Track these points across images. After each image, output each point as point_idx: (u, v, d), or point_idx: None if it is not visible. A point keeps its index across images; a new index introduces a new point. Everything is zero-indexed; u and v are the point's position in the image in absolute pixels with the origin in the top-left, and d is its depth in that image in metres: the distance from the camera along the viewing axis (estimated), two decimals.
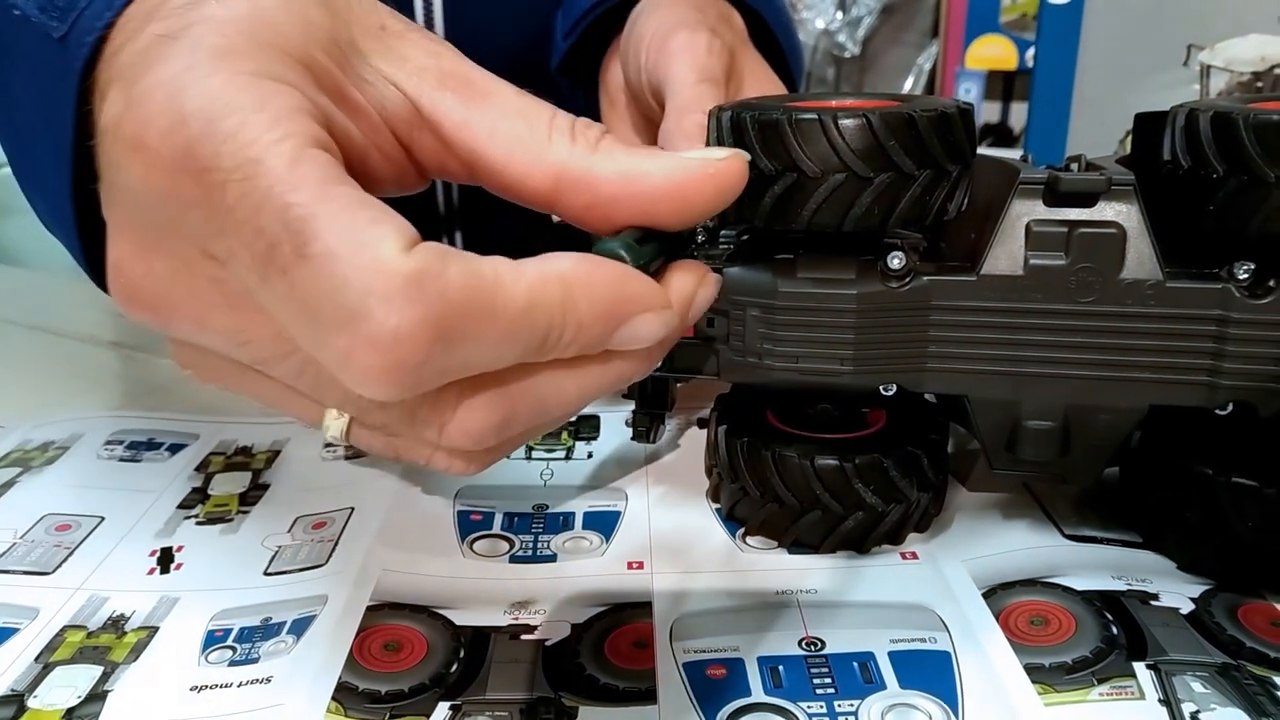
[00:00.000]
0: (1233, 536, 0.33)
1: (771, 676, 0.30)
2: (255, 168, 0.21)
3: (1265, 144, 0.30)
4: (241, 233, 0.21)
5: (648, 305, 0.24)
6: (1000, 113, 1.28)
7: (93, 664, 0.32)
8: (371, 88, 0.25)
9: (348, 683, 0.31)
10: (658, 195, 0.24)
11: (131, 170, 0.23)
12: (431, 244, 0.21)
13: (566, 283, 0.22)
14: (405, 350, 0.20)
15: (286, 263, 0.20)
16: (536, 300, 0.22)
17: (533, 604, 0.34)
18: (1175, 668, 0.30)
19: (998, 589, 0.34)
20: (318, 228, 0.20)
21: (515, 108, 0.26)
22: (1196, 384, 0.32)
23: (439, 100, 0.26)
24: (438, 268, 0.20)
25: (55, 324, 0.62)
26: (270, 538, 0.39)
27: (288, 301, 0.21)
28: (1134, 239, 0.32)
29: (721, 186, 0.25)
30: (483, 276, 0.21)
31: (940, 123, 0.31)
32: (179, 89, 0.22)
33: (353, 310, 0.20)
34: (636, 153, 0.25)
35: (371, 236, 0.20)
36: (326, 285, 0.20)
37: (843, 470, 0.35)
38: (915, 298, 0.33)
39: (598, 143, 0.25)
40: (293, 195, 0.21)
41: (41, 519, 0.40)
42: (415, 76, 0.26)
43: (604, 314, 0.23)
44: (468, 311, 0.21)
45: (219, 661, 0.32)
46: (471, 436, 0.24)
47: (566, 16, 0.56)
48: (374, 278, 0.20)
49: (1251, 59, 0.48)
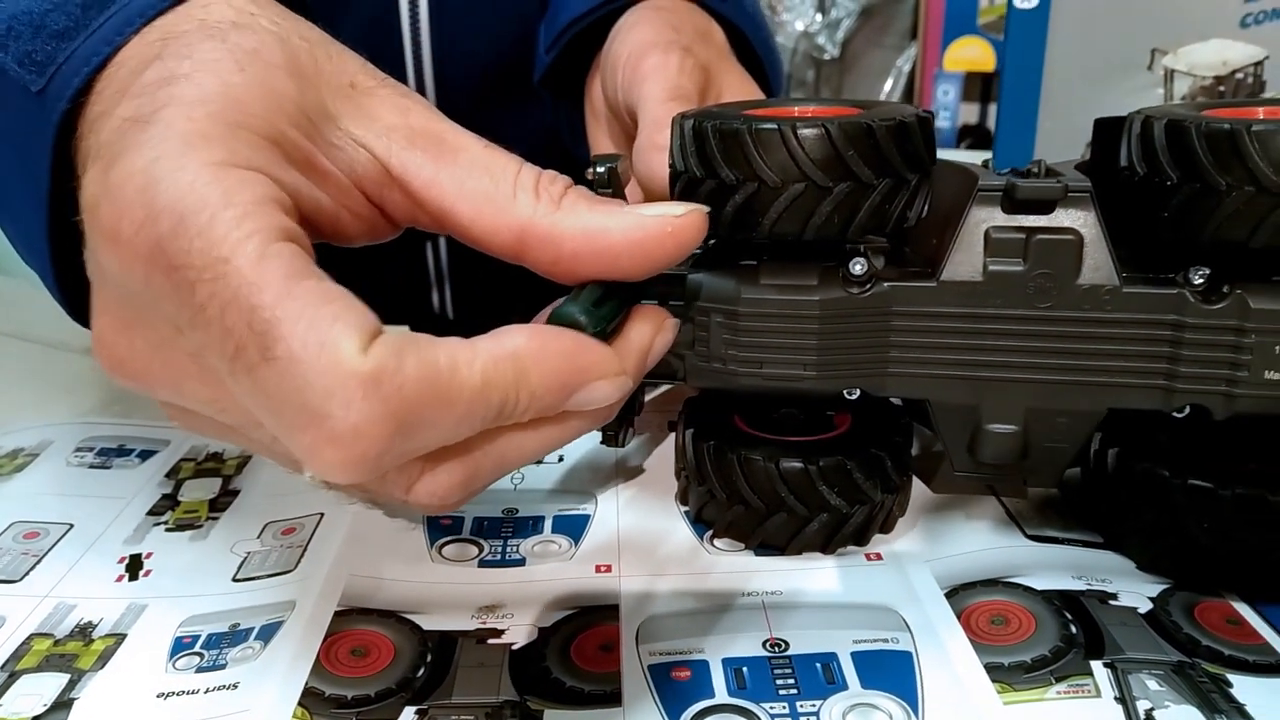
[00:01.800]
0: (1188, 537, 0.33)
1: (735, 678, 0.31)
2: (223, 267, 0.22)
3: (1216, 151, 0.30)
4: (210, 331, 0.22)
5: (601, 373, 0.25)
6: (979, 114, 1.29)
7: (59, 672, 0.32)
8: (340, 152, 0.26)
9: (314, 688, 0.31)
10: (619, 252, 0.25)
11: (108, 258, 0.24)
12: (389, 337, 0.22)
13: (519, 359, 0.23)
14: (365, 445, 0.21)
15: (252, 363, 0.21)
16: (490, 380, 0.23)
17: (500, 608, 0.34)
18: (1131, 666, 0.30)
19: (960, 589, 0.35)
20: (281, 331, 0.21)
21: (482, 164, 0.26)
22: (1153, 388, 0.33)
23: (407, 159, 0.26)
24: (394, 364, 0.21)
25: (25, 330, 0.62)
26: (239, 544, 0.39)
27: (255, 397, 0.22)
28: (1091, 245, 0.32)
29: (681, 242, 0.26)
30: (438, 366, 0.22)
31: (898, 132, 0.32)
32: (149, 182, 0.23)
33: (315, 411, 0.21)
34: (599, 209, 0.26)
35: (332, 336, 0.21)
36: (290, 386, 0.21)
37: (807, 472, 0.35)
38: (877, 303, 0.33)
39: (560, 199, 0.26)
40: (258, 297, 0.21)
41: (9, 527, 0.40)
42: (384, 137, 0.26)
43: (558, 386, 0.24)
44: (424, 402, 0.22)
45: (186, 668, 0.32)
46: (437, 496, 0.25)
47: (549, 30, 0.56)
48: (334, 380, 0.21)
49: (1213, 63, 0.49)
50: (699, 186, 0.33)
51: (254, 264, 0.22)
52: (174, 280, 0.22)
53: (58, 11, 0.27)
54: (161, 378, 0.25)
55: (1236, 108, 0.34)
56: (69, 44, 0.27)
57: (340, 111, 0.27)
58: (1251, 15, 0.48)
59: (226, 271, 0.22)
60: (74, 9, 0.27)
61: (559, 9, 0.56)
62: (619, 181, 0.39)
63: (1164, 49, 0.50)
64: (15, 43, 0.28)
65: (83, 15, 0.27)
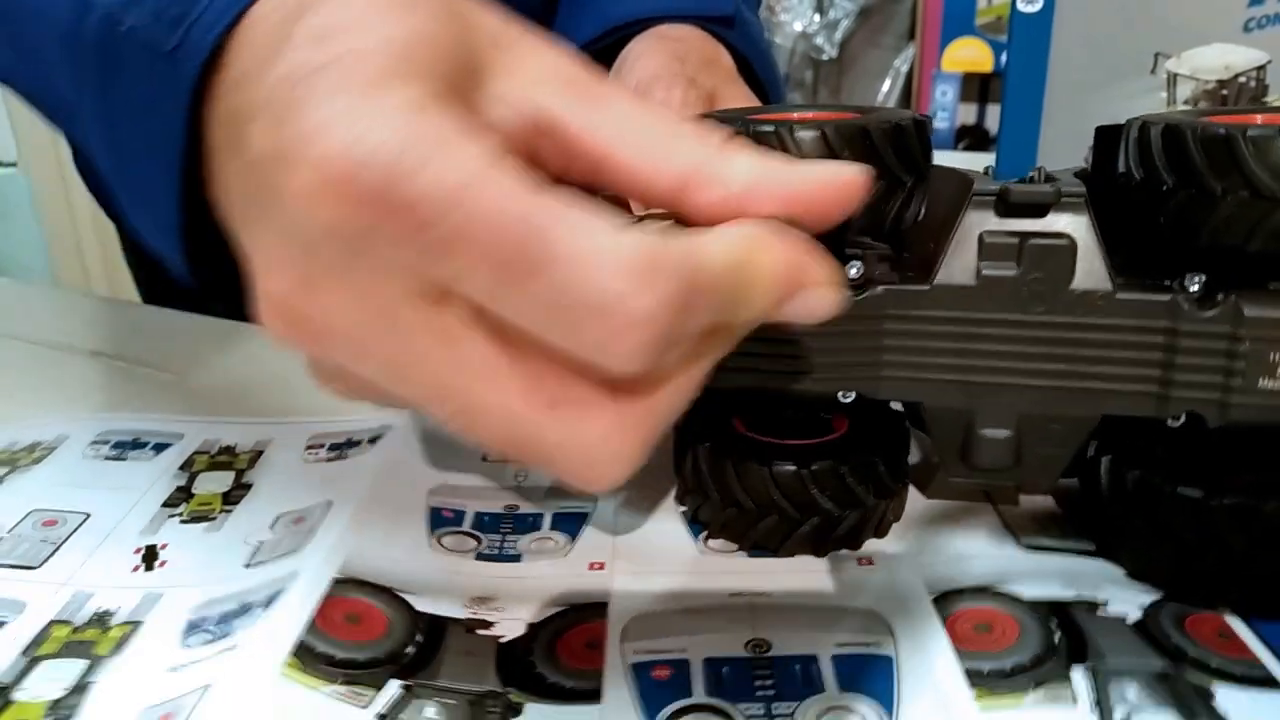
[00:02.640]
0: (1179, 546, 0.33)
1: (714, 678, 0.31)
2: (464, 193, 0.21)
3: (1212, 156, 0.30)
4: (468, 257, 0.21)
5: (819, 279, 0.25)
6: (976, 115, 1.27)
7: (78, 658, 0.33)
8: (500, 103, 0.26)
9: (307, 643, 0.32)
10: (794, 196, 0.25)
11: (311, 213, 0.22)
12: (642, 225, 0.22)
13: (753, 239, 0.23)
14: (659, 325, 0.21)
15: (525, 273, 0.21)
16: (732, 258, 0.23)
17: (493, 601, 0.35)
18: (1112, 673, 0.30)
19: (948, 595, 0.34)
20: (551, 235, 0.21)
21: (637, 110, 0.26)
22: (1147, 394, 0.32)
23: (560, 107, 0.26)
24: (662, 247, 0.21)
25: (33, 333, 0.62)
26: (252, 535, 0.40)
27: (532, 308, 0.22)
28: (1085, 250, 0.32)
29: (849, 196, 0.25)
30: (694, 249, 0.22)
31: (895, 134, 0.32)
32: (347, 129, 0.22)
33: (604, 302, 0.21)
34: (764, 157, 0.25)
35: (601, 230, 0.21)
36: (574, 283, 0.21)
37: (799, 475, 0.35)
38: (871, 307, 0.33)
39: (723, 146, 0.25)
40: (514, 206, 0.21)
41: (28, 514, 0.41)
42: (536, 86, 0.26)
43: (785, 277, 0.24)
44: (695, 278, 0.22)
45: (196, 643, 0.33)
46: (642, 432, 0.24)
47: None
48: (618, 268, 0.21)
49: (1216, 67, 0.48)
50: None
51: (495, 182, 0.21)
52: (408, 221, 0.21)
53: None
54: (363, 334, 0.24)
55: (1235, 115, 0.34)
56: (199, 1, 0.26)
57: (490, 62, 0.26)
58: (1255, 20, 0.47)
59: (469, 195, 0.21)
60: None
61: (565, 35, 0.56)
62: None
63: (1167, 53, 0.50)
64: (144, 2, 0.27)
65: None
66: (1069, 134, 0.50)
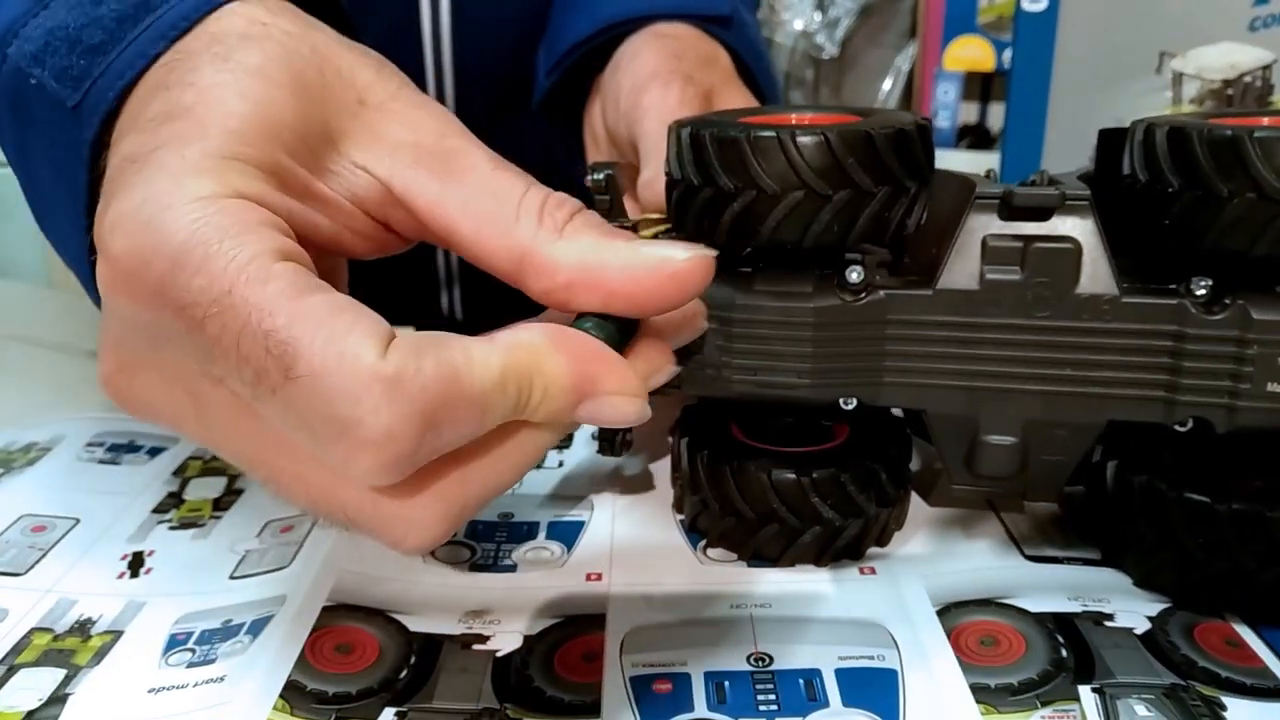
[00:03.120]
0: (1185, 554, 0.32)
1: (716, 692, 0.30)
2: (229, 299, 0.22)
3: (1219, 158, 0.29)
4: (229, 361, 0.22)
5: (619, 388, 0.24)
6: (978, 114, 1.27)
7: (56, 667, 0.33)
8: (339, 178, 0.26)
9: (297, 681, 0.31)
10: (614, 290, 0.25)
11: (115, 299, 0.24)
12: (406, 338, 0.22)
13: (535, 352, 0.23)
14: (399, 445, 0.22)
15: (276, 385, 0.22)
16: (508, 371, 0.23)
17: (488, 614, 0.34)
18: (1121, 690, 0.30)
19: (952, 607, 0.34)
20: (300, 349, 0.21)
21: (489, 184, 0.26)
22: (1153, 400, 0.32)
23: (411, 180, 0.26)
24: (414, 364, 0.22)
25: (31, 334, 0.62)
26: (239, 543, 0.39)
27: (284, 416, 0.22)
28: (1089, 254, 0.32)
29: (683, 287, 0.25)
30: (455, 362, 0.22)
31: (898, 140, 0.31)
32: (141, 224, 0.23)
33: (345, 419, 0.21)
34: (602, 240, 0.25)
35: (351, 345, 0.21)
36: (318, 400, 0.22)
37: (800, 484, 0.35)
38: (872, 312, 0.33)
39: (564, 226, 0.25)
40: (269, 321, 0.22)
41: (18, 519, 0.41)
42: (389, 157, 0.26)
43: (571, 386, 0.24)
44: (447, 397, 0.22)
45: (178, 664, 0.32)
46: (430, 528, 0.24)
47: (549, 53, 0.56)
48: (359, 387, 0.21)
49: (1221, 67, 0.48)
50: (696, 195, 0.33)
51: (259, 290, 0.22)
52: (184, 319, 0.23)
53: (94, 26, 0.28)
54: (176, 411, 0.25)
55: (1241, 117, 0.33)
56: (103, 59, 0.27)
57: (345, 131, 0.26)
58: (1260, 19, 0.47)
59: (233, 303, 0.22)
60: (110, 23, 0.28)
61: (559, 32, 0.56)
62: (617, 189, 0.39)
63: (1172, 52, 0.49)
64: (52, 58, 0.28)
65: (117, 29, 0.27)
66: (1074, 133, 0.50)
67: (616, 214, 0.39)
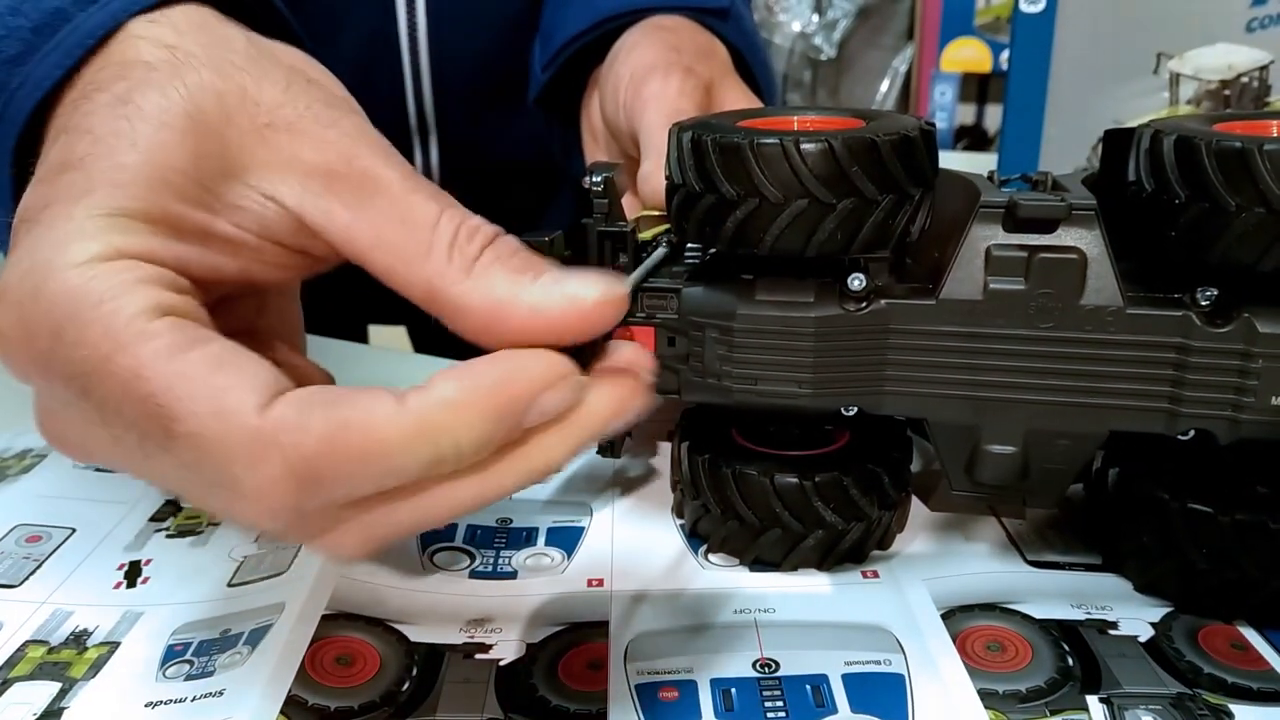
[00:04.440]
0: (1187, 561, 0.33)
1: (723, 699, 0.30)
2: (108, 366, 0.22)
3: (1227, 170, 0.29)
4: (116, 424, 0.23)
5: (543, 384, 0.23)
6: (975, 115, 1.28)
7: (51, 680, 0.32)
8: (245, 212, 0.26)
9: (297, 696, 0.31)
10: (522, 331, 0.24)
11: (14, 369, 0.25)
12: (296, 393, 0.22)
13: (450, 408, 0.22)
14: (272, 501, 0.22)
15: (161, 444, 0.23)
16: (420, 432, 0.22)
17: (489, 622, 0.34)
18: (1128, 701, 0.30)
19: (957, 611, 0.34)
20: (177, 411, 0.22)
21: (400, 210, 0.25)
22: (1156, 411, 0.32)
23: (322, 210, 0.26)
24: (294, 421, 0.22)
25: None
26: (237, 549, 0.39)
27: (173, 471, 0.23)
28: (1094, 264, 0.31)
29: (593, 326, 0.24)
30: (348, 421, 0.22)
31: (902, 146, 0.31)
32: (28, 293, 0.23)
33: (221, 475, 0.22)
34: (511, 277, 0.24)
35: (227, 404, 0.22)
36: (197, 458, 0.22)
37: (802, 488, 0.35)
38: (874, 321, 0.33)
39: (474, 262, 0.24)
40: (146, 386, 0.22)
41: (12, 530, 0.40)
42: (299, 186, 0.26)
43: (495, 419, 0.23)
44: (331, 456, 0.22)
45: (175, 676, 0.32)
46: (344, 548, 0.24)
47: (545, 47, 0.56)
48: (234, 445, 0.22)
49: (1219, 67, 0.48)
50: (698, 201, 0.32)
51: (135, 354, 0.22)
52: (72, 389, 0.23)
53: (11, 38, 0.28)
54: (107, 452, 0.26)
55: (1248, 121, 0.33)
56: (21, 69, 0.27)
57: (250, 161, 0.26)
58: (1257, 20, 0.47)
59: (112, 370, 0.22)
60: (27, 34, 0.28)
61: (555, 26, 0.55)
62: (615, 192, 0.39)
63: (1170, 53, 0.49)
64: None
65: (34, 39, 0.28)
66: (1071, 134, 0.50)
67: (615, 218, 0.38)
